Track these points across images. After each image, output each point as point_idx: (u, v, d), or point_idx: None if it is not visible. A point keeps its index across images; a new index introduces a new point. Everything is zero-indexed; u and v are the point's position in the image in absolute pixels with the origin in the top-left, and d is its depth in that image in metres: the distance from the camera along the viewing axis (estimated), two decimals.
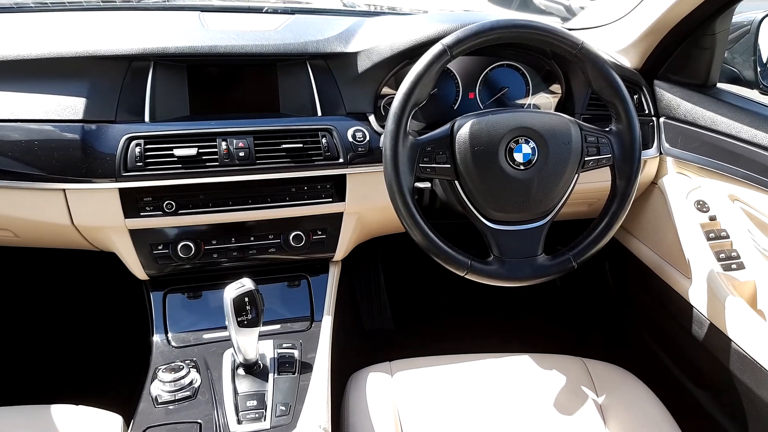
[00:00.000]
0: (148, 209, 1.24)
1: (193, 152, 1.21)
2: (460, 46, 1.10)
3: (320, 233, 1.37)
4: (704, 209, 1.44)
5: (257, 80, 1.33)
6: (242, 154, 1.23)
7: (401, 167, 1.10)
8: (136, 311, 1.42)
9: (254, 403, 1.07)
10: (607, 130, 1.20)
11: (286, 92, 1.34)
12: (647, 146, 1.53)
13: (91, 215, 1.24)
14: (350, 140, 1.30)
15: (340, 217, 1.37)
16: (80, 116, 1.21)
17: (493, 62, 1.47)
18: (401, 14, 1.68)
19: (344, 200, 1.34)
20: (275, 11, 1.59)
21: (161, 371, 1.11)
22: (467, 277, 1.15)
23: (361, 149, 1.31)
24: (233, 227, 1.32)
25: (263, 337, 1.21)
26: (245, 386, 1.11)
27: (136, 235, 1.27)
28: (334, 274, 1.42)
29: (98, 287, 2.06)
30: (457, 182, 1.15)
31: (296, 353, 1.19)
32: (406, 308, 2.25)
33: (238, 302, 1.03)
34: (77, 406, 1.13)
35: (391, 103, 1.12)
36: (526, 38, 1.14)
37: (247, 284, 1.04)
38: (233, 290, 1.04)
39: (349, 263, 1.54)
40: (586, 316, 2.16)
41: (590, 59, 1.15)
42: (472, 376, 1.28)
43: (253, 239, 1.34)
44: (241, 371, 1.14)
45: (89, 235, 1.30)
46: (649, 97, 1.54)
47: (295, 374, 1.15)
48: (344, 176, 1.32)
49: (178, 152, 1.20)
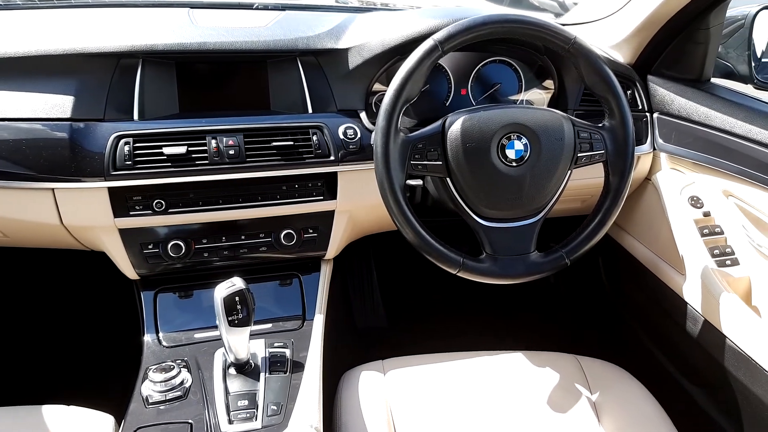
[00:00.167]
0: (137, 208, 1.23)
1: (182, 150, 1.20)
2: (451, 41, 1.09)
3: (311, 231, 1.37)
4: (698, 205, 1.43)
5: (247, 77, 1.32)
6: (232, 152, 1.22)
7: (392, 164, 1.09)
8: (126, 311, 1.41)
9: (245, 402, 1.07)
10: (600, 125, 1.20)
11: (276, 89, 1.33)
12: (641, 142, 1.52)
13: (80, 215, 1.23)
14: (341, 137, 1.29)
15: (331, 215, 1.36)
16: (68, 115, 1.19)
17: (485, 58, 1.46)
18: (394, 10, 1.67)
19: (335, 198, 1.33)
20: (265, 7, 1.59)
21: (152, 371, 1.11)
22: (459, 275, 1.14)
23: (352, 147, 1.30)
24: (224, 226, 1.31)
25: (254, 336, 1.20)
26: (236, 386, 1.10)
27: (125, 234, 1.26)
28: (325, 272, 1.41)
29: (89, 287, 2.05)
30: (448, 179, 1.14)
31: (288, 352, 1.19)
32: (399, 306, 2.24)
33: (228, 301, 1.02)
34: (68, 406, 1.12)
35: (382, 99, 1.11)
36: (518, 33, 1.13)
37: (237, 283, 1.04)
38: (224, 289, 1.03)
39: (341, 261, 1.53)
40: (579, 313, 2.16)
41: (583, 54, 1.14)
42: (465, 374, 1.27)
43: (243, 238, 1.33)
44: (232, 371, 1.13)
45: (79, 234, 1.29)
46: (642, 92, 1.54)
47: (286, 373, 1.14)
48: (335, 174, 1.31)
49: (167, 150, 1.19)
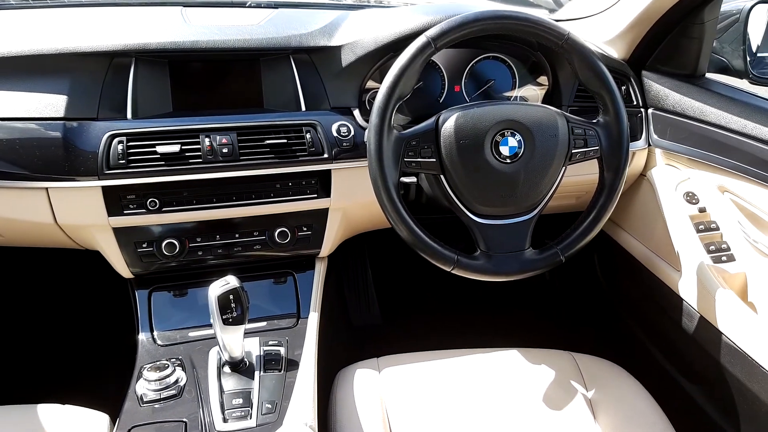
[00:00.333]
0: (131, 207, 1.22)
1: (176, 149, 1.20)
2: (444, 38, 1.09)
3: (306, 229, 1.36)
4: (694, 201, 1.43)
5: (240, 75, 1.32)
6: (226, 150, 1.22)
7: (386, 162, 1.09)
8: (121, 310, 1.41)
9: (240, 401, 1.07)
10: (594, 121, 1.19)
11: (269, 87, 1.33)
12: (635, 138, 1.52)
13: (74, 214, 1.23)
14: (335, 135, 1.29)
15: (325, 213, 1.36)
16: (62, 114, 1.19)
17: (479, 54, 1.45)
18: (387, 7, 1.66)
19: (329, 196, 1.33)
20: (258, 5, 1.59)
21: (146, 370, 1.11)
22: (454, 272, 1.14)
23: (345, 144, 1.29)
24: (218, 224, 1.31)
25: (249, 334, 1.21)
26: (231, 384, 1.10)
27: (120, 233, 1.26)
28: (320, 270, 1.41)
29: (83, 286, 2.05)
30: (442, 176, 1.14)
31: (282, 350, 1.19)
32: (394, 304, 2.24)
33: (222, 300, 1.02)
34: (63, 405, 1.12)
35: (375, 96, 1.11)
36: (511, 29, 1.13)
37: (231, 281, 1.04)
38: (218, 288, 1.03)
39: (336, 259, 1.53)
40: (575, 310, 2.16)
41: (577, 50, 1.14)
42: (460, 371, 1.27)
43: (238, 236, 1.33)
44: (227, 369, 1.13)
45: (73, 233, 1.29)
46: (637, 88, 1.54)
47: (281, 372, 1.14)
48: (329, 172, 1.31)
49: (161, 149, 1.19)
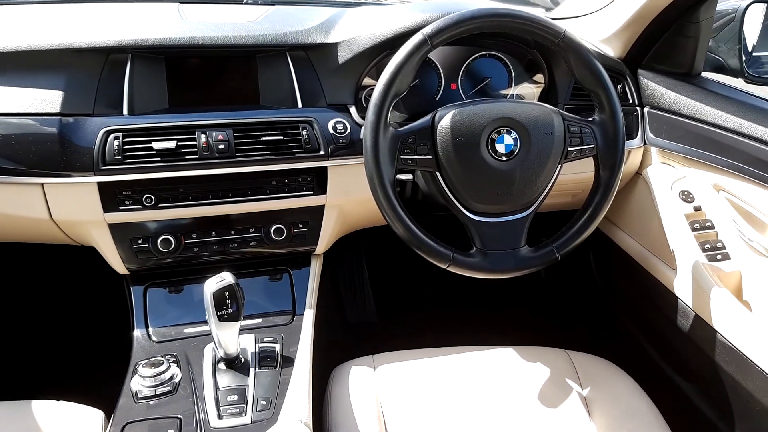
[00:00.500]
0: (127, 203, 1.22)
1: (172, 145, 1.20)
2: (440, 35, 1.09)
3: (301, 226, 1.36)
4: (689, 199, 1.43)
5: (236, 72, 1.32)
6: (222, 146, 1.22)
7: (382, 159, 1.09)
8: (116, 306, 1.41)
9: (235, 397, 1.07)
10: (590, 119, 1.19)
11: (265, 84, 1.33)
12: (631, 136, 1.52)
13: (69, 209, 1.23)
14: (331, 132, 1.29)
15: (321, 209, 1.36)
16: (58, 109, 1.19)
17: (475, 52, 1.46)
18: (383, 4, 1.66)
19: (325, 193, 1.33)
20: (255, 2, 1.59)
21: (141, 366, 1.11)
22: (449, 269, 1.14)
23: (342, 141, 1.29)
24: (214, 221, 1.31)
25: (244, 331, 1.21)
26: (226, 381, 1.10)
27: (115, 229, 1.26)
28: (315, 267, 1.41)
29: (78, 282, 2.04)
30: (438, 174, 1.14)
31: (278, 347, 1.19)
32: (389, 301, 2.24)
33: (218, 296, 1.02)
34: (58, 401, 1.12)
35: (372, 94, 1.11)
36: (507, 27, 1.13)
37: (227, 278, 1.04)
38: (213, 284, 1.03)
39: (332, 256, 1.53)
40: (570, 308, 2.16)
41: (573, 48, 1.14)
42: (455, 368, 1.27)
43: (233, 233, 1.33)
44: (222, 366, 1.13)
45: (68, 229, 1.29)
46: (633, 86, 1.54)
47: (276, 368, 1.14)
48: (325, 169, 1.31)
49: (156, 145, 1.19)
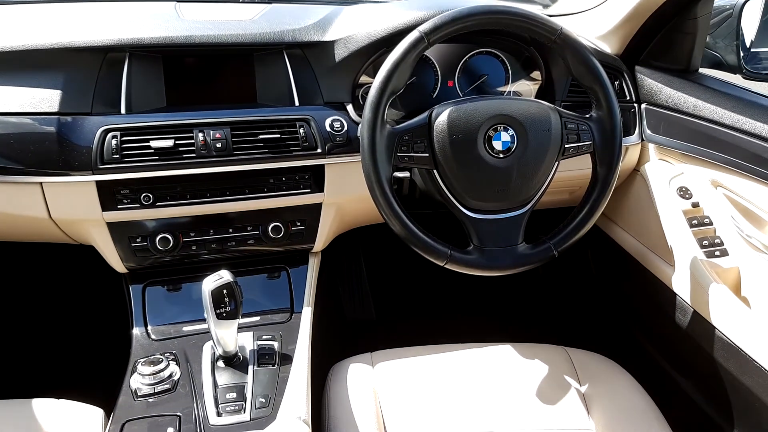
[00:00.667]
0: (125, 202, 1.23)
1: (169, 144, 1.20)
2: (437, 33, 1.09)
3: (299, 224, 1.37)
4: (687, 196, 1.43)
5: (234, 70, 1.32)
6: (219, 145, 1.22)
7: (379, 156, 1.09)
8: (115, 304, 1.41)
9: (234, 395, 1.07)
10: (587, 116, 1.20)
11: (263, 82, 1.33)
12: (629, 133, 1.52)
13: (68, 208, 1.23)
14: (328, 130, 1.29)
15: (318, 207, 1.36)
16: (56, 109, 1.19)
17: (472, 50, 1.46)
18: (380, 2, 1.66)
19: (323, 191, 1.33)
20: (252, 0, 1.58)
21: (140, 364, 1.11)
22: (447, 266, 1.14)
23: (339, 139, 1.30)
24: (211, 219, 1.31)
25: (243, 329, 1.21)
26: (225, 378, 1.11)
27: (114, 227, 1.26)
28: (313, 265, 1.42)
29: (77, 281, 2.05)
30: (435, 171, 1.15)
31: (276, 345, 1.19)
32: (387, 299, 2.25)
33: (216, 294, 1.03)
34: (58, 400, 1.12)
35: (369, 91, 1.11)
36: (503, 24, 1.13)
37: (225, 276, 1.04)
38: (211, 282, 1.03)
39: (330, 254, 1.53)
40: (569, 305, 2.16)
41: (569, 45, 1.14)
42: (453, 366, 1.27)
43: (231, 231, 1.33)
44: (220, 363, 1.14)
45: (67, 228, 1.29)
46: (630, 83, 1.54)
47: (275, 366, 1.14)
48: (322, 166, 1.31)
49: (154, 144, 1.19)
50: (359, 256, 2.24)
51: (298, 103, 1.32)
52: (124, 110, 1.23)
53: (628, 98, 1.53)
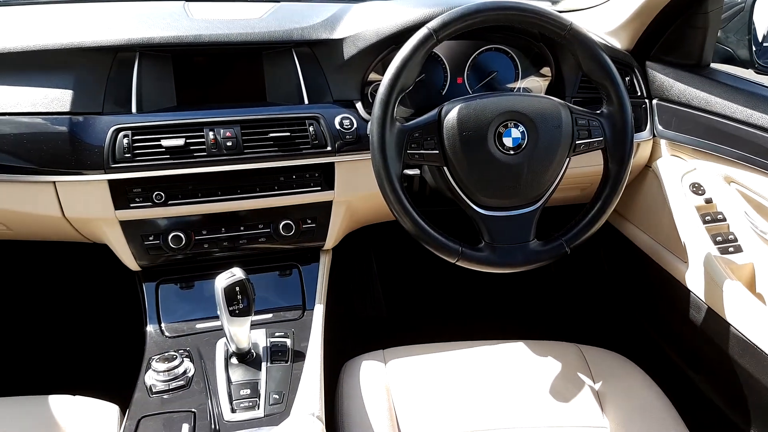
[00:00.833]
0: (137, 200, 1.24)
1: (180, 143, 1.21)
2: (446, 29, 1.09)
3: (310, 222, 1.37)
4: (700, 192, 1.42)
5: (243, 69, 1.33)
6: (230, 143, 1.23)
7: (389, 154, 1.09)
8: (129, 302, 1.42)
9: (248, 391, 1.08)
10: (598, 112, 1.19)
11: (272, 81, 1.33)
12: (640, 128, 1.51)
13: (81, 207, 1.25)
14: (338, 128, 1.29)
15: (329, 205, 1.37)
16: (67, 108, 1.21)
17: (481, 46, 1.45)
18: None
19: (333, 189, 1.34)
20: None
21: (155, 361, 1.12)
22: (458, 264, 1.14)
23: (348, 137, 1.30)
24: (223, 217, 1.32)
25: (255, 326, 1.21)
26: (238, 375, 1.11)
27: (126, 226, 1.27)
28: (324, 262, 1.42)
29: (92, 279, 2.06)
30: (445, 168, 1.14)
31: (289, 342, 1.20)
32: (399, 296, 2.24)
33: (229, 291, 1.03)
34: (74, 396, 1.13)
35: (378, 89, 1.11)
36: (513, 20, 1.13)
37: (237, 273, 1.04)
38: (224, 279, 1.04)
39: (340, 252, 1.53)
40: (581, 302, 2.15)
41: (579, 41, 1.14)
42: (466, 363, 1.27)
43: (243, 229, 1.34)
44: (234, 360, 1.14)
45: (80, 227, 1.30)
46: (641, 78, 1.53)
47: (287, 363, 1.15)
48: (332, 164, 1.32)
49: (165, 143, 1.20)
50: (370, 253, 2.24)
51: (307, 101, 1.32)
52: (134, 109, 1.24)
53: (639, 94, 1.52)
